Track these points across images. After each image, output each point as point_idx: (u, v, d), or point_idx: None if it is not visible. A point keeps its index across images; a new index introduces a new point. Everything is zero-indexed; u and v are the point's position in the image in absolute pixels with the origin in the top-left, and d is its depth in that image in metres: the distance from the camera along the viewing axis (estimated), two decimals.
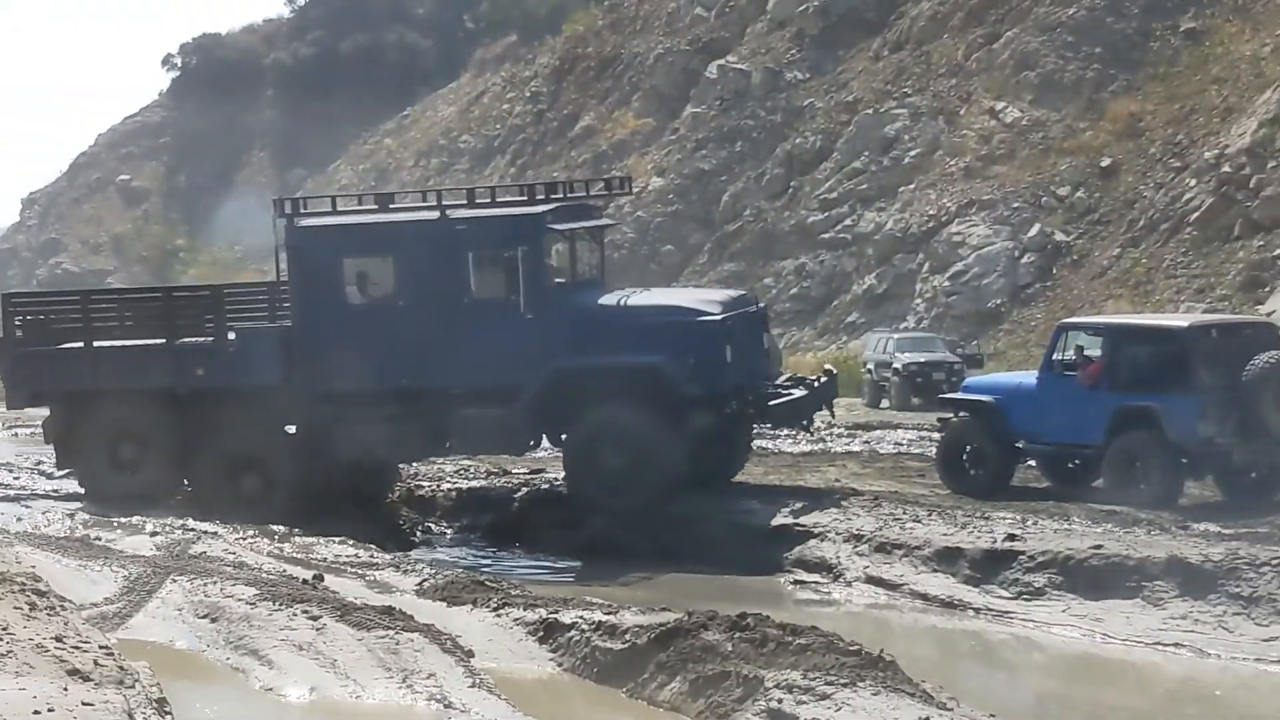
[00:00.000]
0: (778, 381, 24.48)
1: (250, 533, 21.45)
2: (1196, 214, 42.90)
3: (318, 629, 15.70)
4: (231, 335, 24.15)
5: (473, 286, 23.32)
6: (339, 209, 25.43)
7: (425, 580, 18.81)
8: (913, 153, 51.68)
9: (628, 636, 15.21)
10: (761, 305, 25.65)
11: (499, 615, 16.77)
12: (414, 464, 26.17)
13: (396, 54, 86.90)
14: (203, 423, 23.93)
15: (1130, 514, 20.04)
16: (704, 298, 24.56)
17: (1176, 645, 16.68)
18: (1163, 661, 16.50)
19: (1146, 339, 22.18)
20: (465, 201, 24.26)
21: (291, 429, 24.11)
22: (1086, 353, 22.17)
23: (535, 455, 26.05)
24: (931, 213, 49.26)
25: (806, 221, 52.57)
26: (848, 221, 51.75)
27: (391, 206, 24.91)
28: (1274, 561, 17.15)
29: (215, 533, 21.17)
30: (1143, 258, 43.55)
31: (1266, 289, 39.34)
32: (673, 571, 20.91)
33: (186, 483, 24.32)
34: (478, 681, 14.40)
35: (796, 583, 20.31)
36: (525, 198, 24.22)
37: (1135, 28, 50.21)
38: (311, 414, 23.68)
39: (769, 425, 24.52)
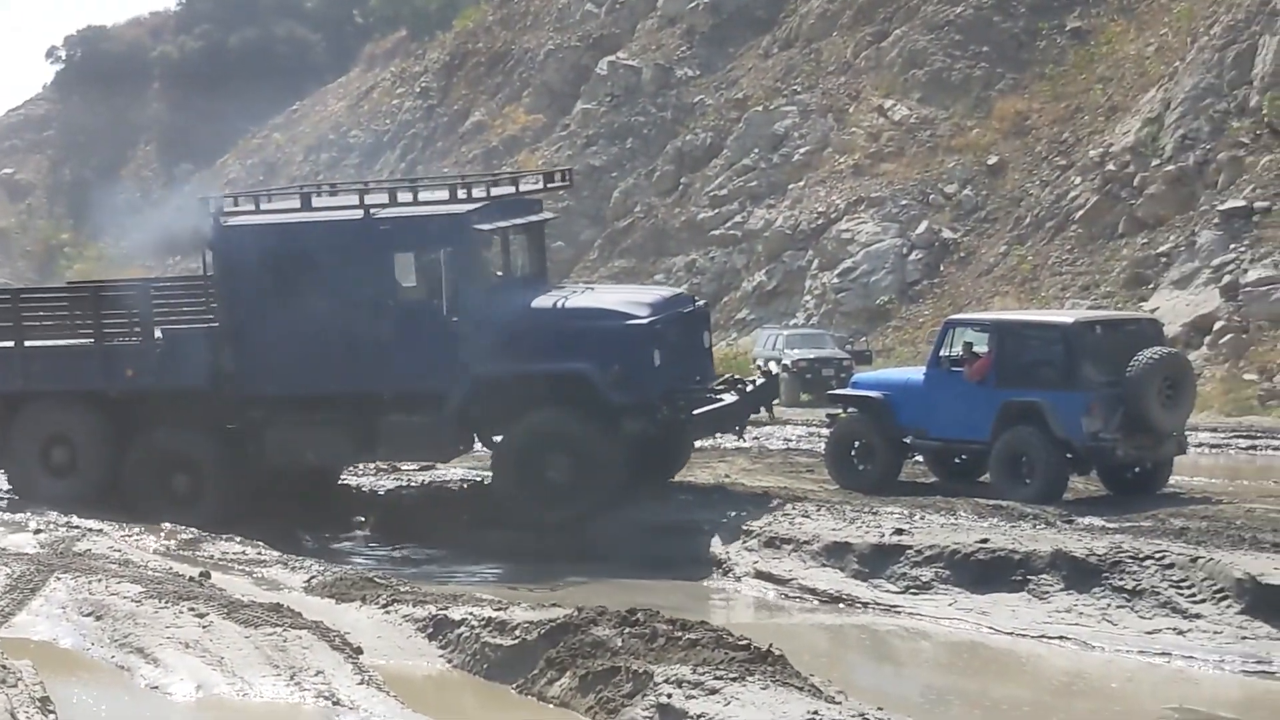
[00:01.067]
0: (713, 384, 23.35)
1: (136, 530, 21.22)
2: (1081, 212, 43.38)
3: (204, 626, 15.54)
4: (159, 335, 23.77)
5: (398, 288, 22.61)
6: (263, 208, 24.07)
7: (314, 577, 18.66)
8: (802, 150, 51.94)
9: (517, 633, 15.17)
10: (702, 304, 24.46)
11: (388, 612, 16.67)
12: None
13: (285, 48, 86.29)
14: (133, 424, 23.45)
15: (1016, 508, 20.19)
16: (634, 299, 23.13)
17: (1061, 638, 16.83)
18: (1048, 654, 16.65)
19: (1032, 335, 22.36)
20: (389, 200, 23.15)
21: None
22: (974, 349, 22.34)
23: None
24: (821, 210, 49.52)
25: (697, 218, 52.72)
26: (738, 218, 51.95)
27: (316, 205, 23.84)
28: (1157, 555, 17.35)
29: (100, 530, 20.92)
30: (1029, 255, 43.99)
31: (1150, 286, 39.84)
32: (562, 568, 20.83)
33: (121, 484, 23.74)
34: (366, 678, 14.31)
35: (686, 578, 20.32)
36: (450, 196, 22.96)
37: (1022, 27, 50.71)
38: (239, 417, 23.10)
39: (695, 434, 23.37)
